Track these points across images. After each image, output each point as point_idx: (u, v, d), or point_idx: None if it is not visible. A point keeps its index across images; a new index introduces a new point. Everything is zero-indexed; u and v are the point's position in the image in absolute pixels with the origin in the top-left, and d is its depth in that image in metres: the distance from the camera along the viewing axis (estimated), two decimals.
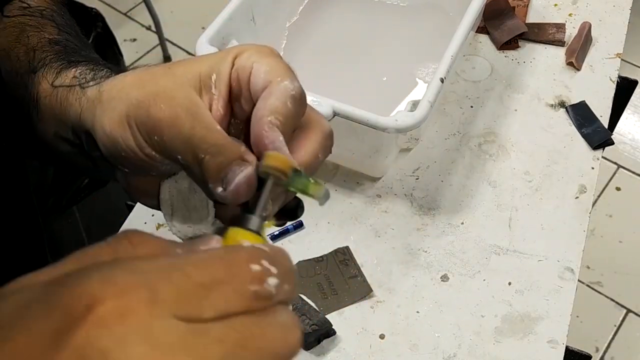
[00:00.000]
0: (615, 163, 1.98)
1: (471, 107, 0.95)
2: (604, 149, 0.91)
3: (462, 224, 0.84)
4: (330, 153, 0.42)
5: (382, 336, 0.75)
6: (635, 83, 1.02)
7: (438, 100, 0.80)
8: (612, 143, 0.91)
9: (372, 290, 0.78)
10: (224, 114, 0.41)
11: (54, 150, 0.48)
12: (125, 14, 2.39)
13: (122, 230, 0.30)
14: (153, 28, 2.22)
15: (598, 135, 0.91)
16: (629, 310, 1.72)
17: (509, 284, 0.79)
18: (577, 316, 1.20)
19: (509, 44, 1.01)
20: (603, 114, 0.94)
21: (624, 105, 1.02)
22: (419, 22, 1.02)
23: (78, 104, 0.45)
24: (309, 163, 0.40)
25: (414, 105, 0.77)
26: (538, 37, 1.02)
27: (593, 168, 0.89)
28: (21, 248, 0.61)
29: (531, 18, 1.05)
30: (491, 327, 0.76)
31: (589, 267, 1.75)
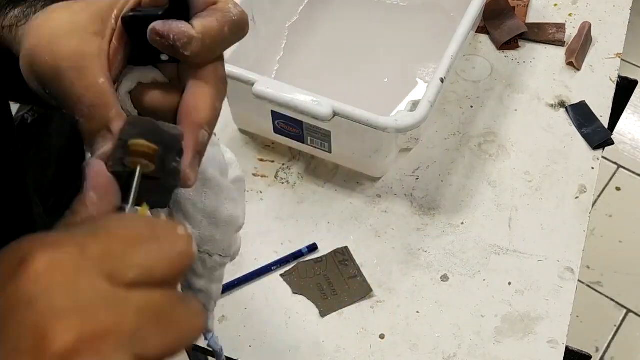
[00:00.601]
0: (615, 163, 1.98)
1: (471, 107, 0.95)
2: (604, 149, 0.91)
3: (462, 224, 0.84)
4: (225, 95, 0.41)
5: (382, 336, 0.75)
6: (635, 83, 1.01)
7: (438, 100, 0.80)
8: (612, 143, 0.91)
9: (372, 290, 0.78)
10: (118, 46, 0.39)
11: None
12: None
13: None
14: None
15: (598, 135, 0.91)
16: (629, 310, 1.72)
17: (509, 284, 0.79)
18: (577, 316, 1.20)
19: (509, 44, 1.01)
20: (603, 114, 0.94)
21: (624, 105, 1.02)
22: (419, 22, 1.02)
23: (15, 43, 0.43)
24: (209, 119, 0.39)
25: (414, 105, 0.77)
26: (538, 37, 1.02)
27: (593, 168, 0.89)
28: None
29: (531, 18, 1.05)
30: (491, 327, 0.76)
31: (589, 267, 1.75)
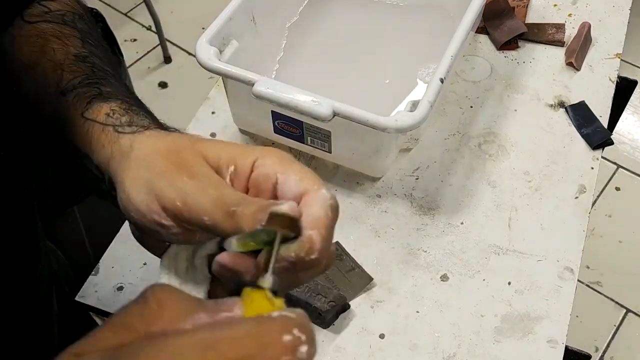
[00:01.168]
0: (615, 163, 1.98)
1: (471, 107, 0.95)
2: (603, 149, 0.91)
3: (462, 224, 0.84)
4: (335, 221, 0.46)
5: (382, 336, 0.75)
6: (634, 83, 1.02)
7: (438, 100, 0.80)
8: (612, 143, 0.91)
9: (373, 279, 0.78)
10: None
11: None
12: (125, 14, 2.39)
13: (149, 286, 0.32)
14: (153, 28, 2.22)
15: (598, 135, 0.91)
16: (628, 310, 1.72)
17: (509, 283, 0.79)
18: (577, 316, 1.20)
19: (508, 44, 1.01)
20: (603, 114, 0.94)
21: (624, 105, 1.02)
22: (419, 22, 1.02)
23: (110, 149, 0.45)
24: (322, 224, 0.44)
25: (414, 105, 0.77)
26: (538, 38, 1.02)
27: (593, 168, 0.89)
28: (13, 247, 0.61)
29: (531, 18, 1.05)
30: (491, 327, 0.76)
31: (588, 267, 1.75)
